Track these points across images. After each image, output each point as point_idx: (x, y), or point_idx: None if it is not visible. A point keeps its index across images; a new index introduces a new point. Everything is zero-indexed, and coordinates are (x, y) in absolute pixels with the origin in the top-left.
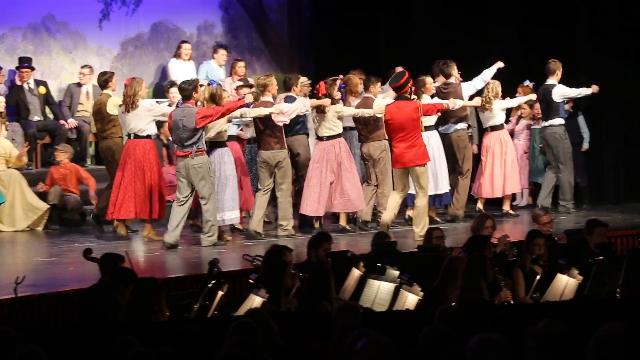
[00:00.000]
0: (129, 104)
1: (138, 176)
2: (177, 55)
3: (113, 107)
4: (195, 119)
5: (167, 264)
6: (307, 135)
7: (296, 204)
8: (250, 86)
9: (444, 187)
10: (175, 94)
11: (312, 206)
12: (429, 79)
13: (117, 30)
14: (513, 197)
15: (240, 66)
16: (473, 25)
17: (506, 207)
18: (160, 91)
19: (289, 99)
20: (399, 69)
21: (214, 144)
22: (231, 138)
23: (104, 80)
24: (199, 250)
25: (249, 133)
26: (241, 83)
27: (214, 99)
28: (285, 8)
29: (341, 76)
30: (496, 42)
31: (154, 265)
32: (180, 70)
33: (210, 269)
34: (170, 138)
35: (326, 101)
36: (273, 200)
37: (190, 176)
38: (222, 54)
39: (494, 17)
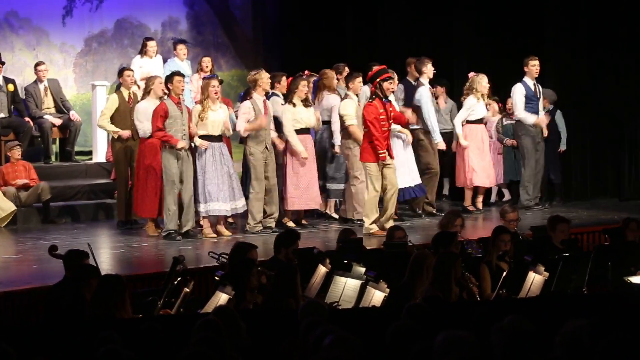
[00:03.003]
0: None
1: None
2: (142, 52)
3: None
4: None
5: (132, 260)
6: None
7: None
8: (221, 82)
9: (416, 179)
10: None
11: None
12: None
13: (81, 27)
14: (488, 193)
15: (206, 61)
16: (440, 22)
17: (468, 202)
18: None
19: (273, 97)
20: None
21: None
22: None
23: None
24: (166, 245)
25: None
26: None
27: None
28: (250, 4)
29: (307, 72)
30: (463, 42)
31: (119, 261)
32: (146, 67)
33: (173, 265)
34: None
35: (258, 124)
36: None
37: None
38: (180, 48)
39: (459, 16)
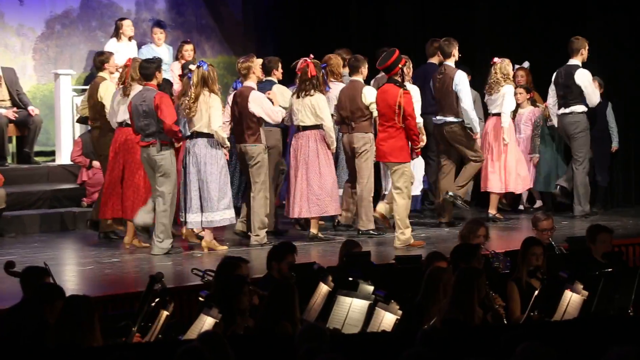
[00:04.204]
0: (128, 88)
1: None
2: (118, 35)
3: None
4: (155, 105)
5: (102, 279)
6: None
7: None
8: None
9: (416, 189)
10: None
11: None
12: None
13: (41, 7)
14: (516, 199)
15: (188, 49)
16: (455, 7)
17: (493, 209)
18: (91, 78)
19: (268, 84)
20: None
21: (200, 135)
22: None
23: (100, 61)
24: (141, 262)
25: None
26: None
27: (207, 82)
28: None
29: (311, 56)
30: (484, 24)
31: (86, 279)
32: (122, 53)
33: (149, 285)
34: None
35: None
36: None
37: (154, 169)
38: (155, 32)
39: None
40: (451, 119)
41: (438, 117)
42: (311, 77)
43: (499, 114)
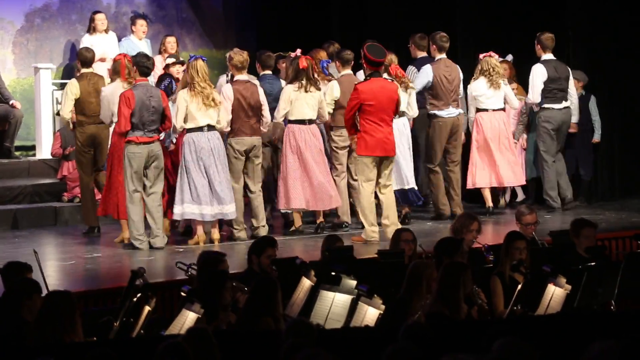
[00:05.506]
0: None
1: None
2: (90, 29)
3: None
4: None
5: (83, 274)
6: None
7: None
8: (182, 63)
9: (411, 181)
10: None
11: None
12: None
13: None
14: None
15: (170, 42)
16: None
17: (489, 202)
18: (72, 71)
19: (273, 79)
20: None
21: (212, 127)
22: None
23: (92, 58)
24: (123, 256)
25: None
26: (173, 60)
27: (207, 76)
28: None
29: (299, 51)
30: (465, 16)
31: (67, 275)
32: (98, 46)
33: (131, 280)
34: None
35: None
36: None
37: (150, 164)
38: (140, 24)
39: None
40: (460, 110)
41: (452, 110)
42: (314, 72)
43: (501, 109)
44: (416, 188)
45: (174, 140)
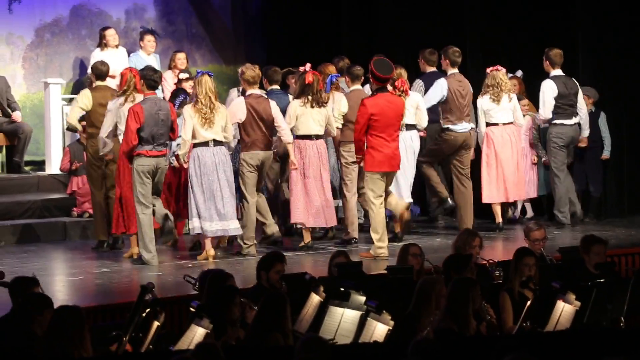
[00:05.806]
0: (129, 97)
1: None
2: (102, 45)
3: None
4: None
5: (93, 289)
6: None
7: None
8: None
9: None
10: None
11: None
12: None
13: (31, 15)
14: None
15: (180, 58)
16: (448, 13)
17: (498, 218)
18: (81, 87)
19: (281, 94)
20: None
21: (220, 143)
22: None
23: (106, 71)
24: (132, 271)
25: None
26: (186, 75)
27: (215, 91)
28: None
29: (308, 65)
30: (474, 31)
31: (77, 290)
32: (108, 61)
33: (141, 295)
34: None
35: None
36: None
37: (158, 178)
38: (148, 40)
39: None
40: (472, 124)
41: (465, 125)
42: (321, 88)
43: (511, 123)
44: (412, 201)
45: (175, 156)
